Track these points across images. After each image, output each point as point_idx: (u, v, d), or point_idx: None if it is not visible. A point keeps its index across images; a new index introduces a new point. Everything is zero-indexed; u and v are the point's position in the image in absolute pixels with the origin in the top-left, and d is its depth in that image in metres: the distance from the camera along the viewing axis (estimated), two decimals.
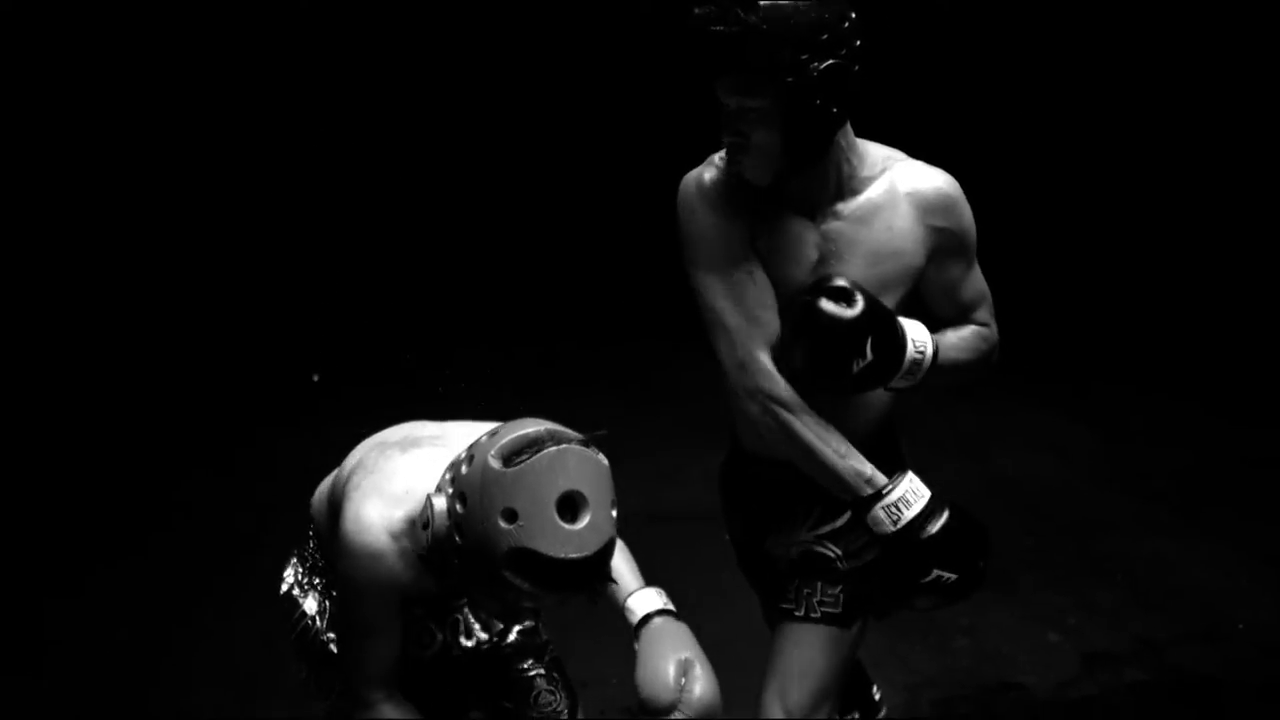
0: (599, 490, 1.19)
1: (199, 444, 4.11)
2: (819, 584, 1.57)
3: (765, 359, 1.46)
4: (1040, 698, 2.44)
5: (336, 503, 1.45)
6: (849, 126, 1.47)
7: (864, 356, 1.37)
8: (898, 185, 1.48)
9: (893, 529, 1.42)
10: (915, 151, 1.58)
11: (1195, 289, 5.57)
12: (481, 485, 1.15)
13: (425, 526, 1.23)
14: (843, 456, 1.46)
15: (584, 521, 1.16)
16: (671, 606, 1.52)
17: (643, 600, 1.50)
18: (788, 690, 1.55)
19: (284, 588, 1.68)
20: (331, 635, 1.58)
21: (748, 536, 1.72)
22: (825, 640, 1.56)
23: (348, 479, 1.43)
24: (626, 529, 3.29)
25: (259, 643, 2.71)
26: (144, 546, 3.32)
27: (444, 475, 1.26)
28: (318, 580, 1.64)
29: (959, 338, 1.54)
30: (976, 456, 3.87)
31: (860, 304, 1.36)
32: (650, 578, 1.51)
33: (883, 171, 1.49)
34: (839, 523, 1.58)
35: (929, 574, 1.42)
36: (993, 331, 1.59)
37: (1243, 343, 5.00)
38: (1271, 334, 4.97)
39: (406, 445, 1.42)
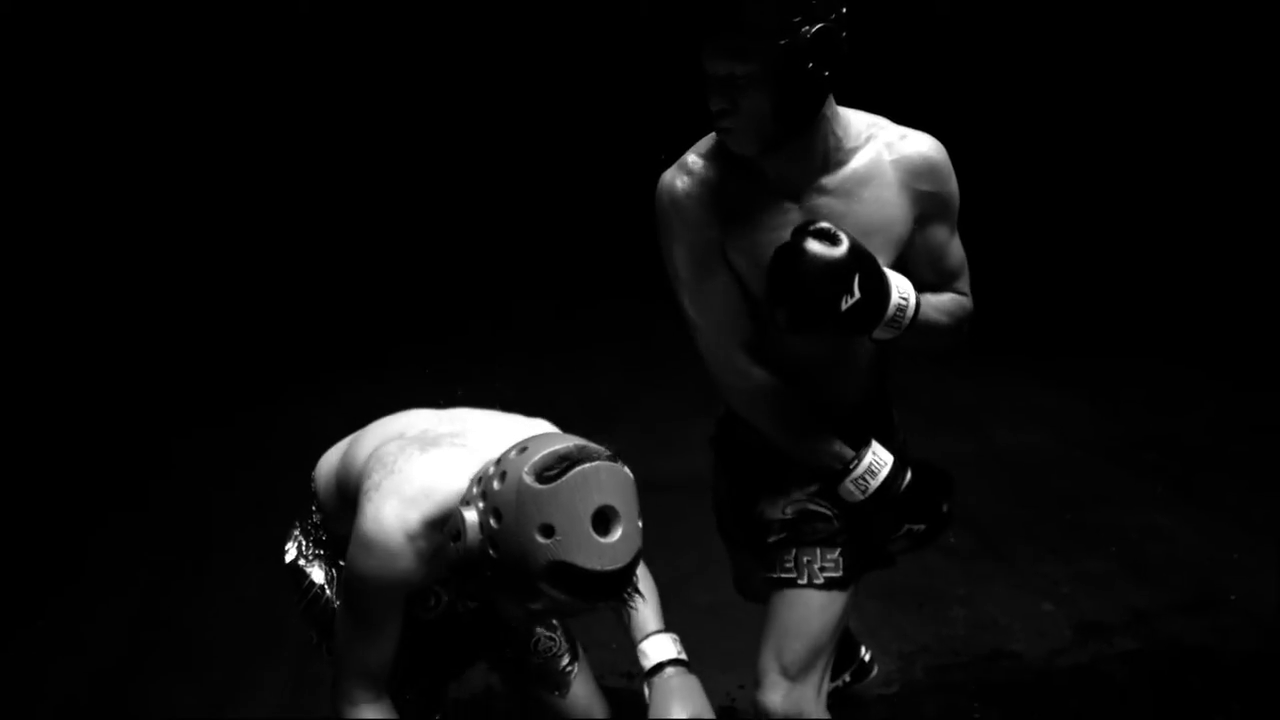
0: (628, 503, 1.24)
1: (200, 407, 4.14)
2: (819, 550, 1.59)
3: (739, 357, 1.54)
4: (1033, 665, 2.47)
5: (351, 495, 1.47)
6: (832, 97, 1.46)
7: (852, 294, 1.36)
8: (883, 153, 1.49)
9: (863, 498, 1.52)
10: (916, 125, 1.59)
11: (1190, 262, 5.58)
12: (517, 502, 1.19)
13: (456, 538, 1.25)
14: (814, 436, 1.54)
15: (616, 534, 1.21)
16: (684, 656, 1.57)
17: (658, 647, 1.55)
18: (784, 650, 1.59)
19: (289, 558, 1.71)
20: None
21: (738, 498, 1.74)
22: (822, 602, 1.59)
23: (365, 475, 1.43)
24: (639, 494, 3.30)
25: (262, 599, 2.76)
26: (145, 503, 3.36)
27: (471, 488, 1.28)
28: (322, 551, 1.67)
29: (939, 300, 1.56)
30: (973, 429, 3.90)
31: (845, 243, 1.37)
32: (646, 546, 1.53)
33: (868, 140, 1.50)
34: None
35: (900, 529, 1.55)
36: (970, 301, 1.61)
37: (1239, 313, 5.02)
38: (1268, 302, 4.99)
39: (425, 444, 1.43)
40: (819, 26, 1.34)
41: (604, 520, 1.20)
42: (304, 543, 1.69)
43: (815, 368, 1.59)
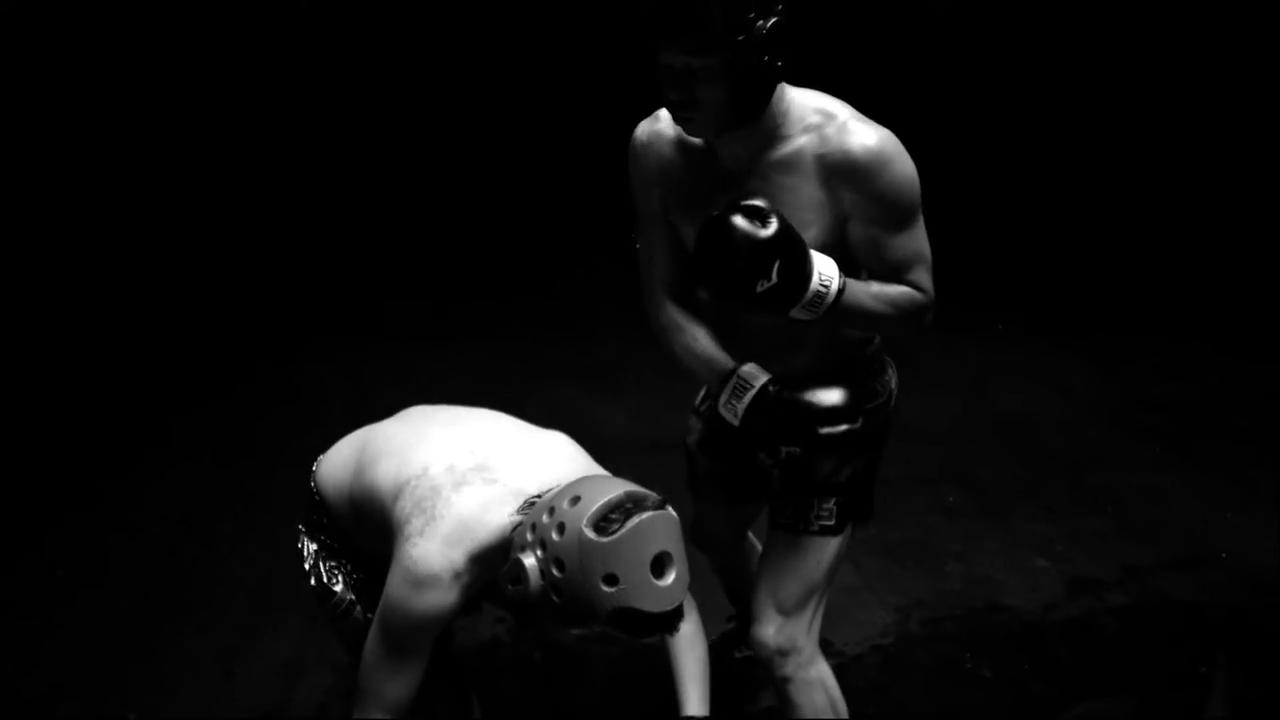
0: (679, 545, 1.34)
1: (203, 375, 4.23)
2: (815, 500, 1.68)
3: (659, 290, 1.67)
4: (1025, 619, 2.55)
5: (377, 521, 1.53)
6: (783, 83, 1.52)
7: (769, 279, 1.39)
8: (812, 146, 1.49)
9: (735, 420, 1.56)
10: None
11: (1199, 236, 5.58)
12: (580, 554, 1.27)
13: (516, 582, 1.33)
14: (710, 363, 1.61)
15: (671, 577, 1.32)
16: None
17: None
18: (779, 589, 1.68)
19: (308, 573, 1.76)
20: (370, 615, 1.64)
21: (733, 448, 1.80)
22: (816, 546, 1.69)
23: (404, 520, 1.46)
24: (628, 454, 3.39)
25: (270, 560, 2.86)
26: (147, 464, 3.45)
27: (525, 533, 1.35)
28: (335, 561, 1.73)
29: (880, 289, 1.54)
30: (980, 393, 3.94)
31: (774, 225, 1.39)
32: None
33: (804, 130, 1.50)
34: None
35: (779, 453, 1.65)
36: (924, 294, 1.56)
37: (1247, 287, 5.03)
38: (1273, 277, 5.00)
39: (457, 484, 1.48)
40: (773, 20, 1.40)
41: (660, 566, 1.30)
42: (320, 555, 1.75)
43: (754, 332, 1.63)
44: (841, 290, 1.46)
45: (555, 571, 1.29)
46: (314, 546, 1.76)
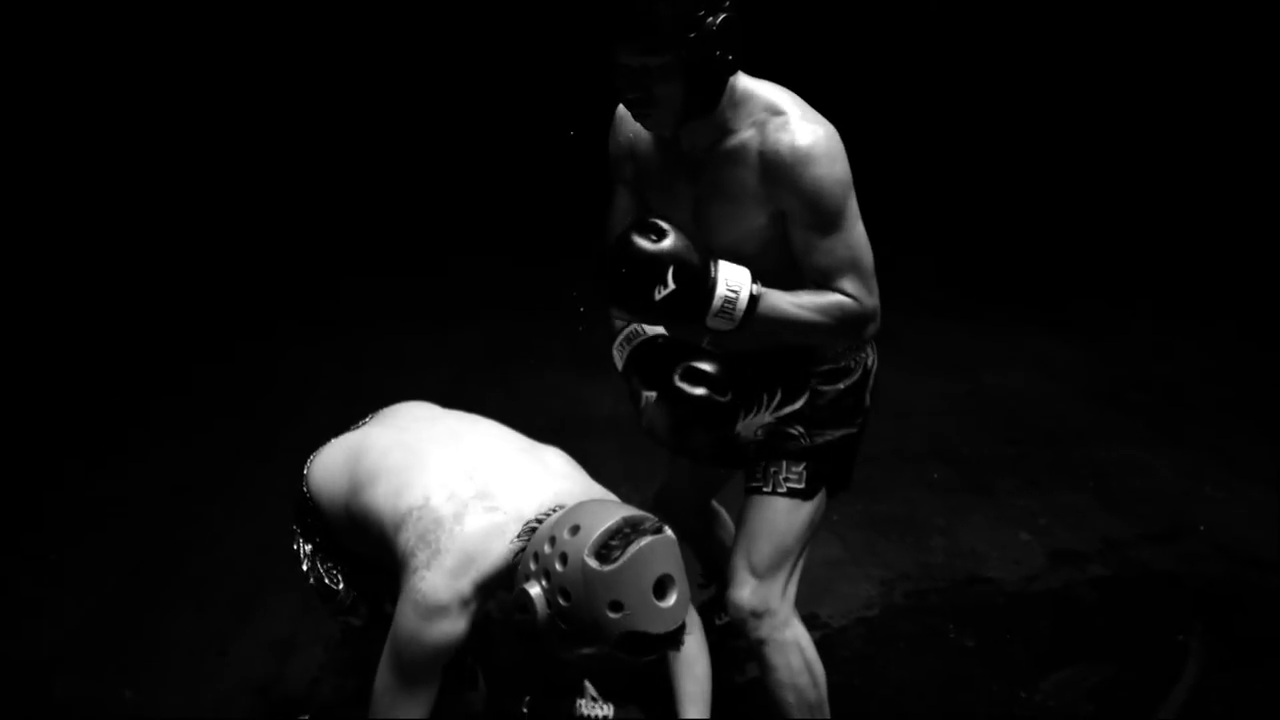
0: (679, 565, 1.37)
1: (198, 347, 4.25)
2: (784, 463, 1.72)
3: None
4: (1007, 590, 2.59)
5: (375, 536, 1.55)
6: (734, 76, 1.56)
7: (665, 284, 1.44)
8: (755, 141, 1.54)
9: (620, 365, 1.68)
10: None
11: (1186, 217, 5.63)
12: (585, 583, 1.31)
13: (524, 612, 1.37)
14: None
15: (674, 598, 1.35)
16: None
17: None
18: (752, 551, 1.72)
19: (306, 573, 1.79)
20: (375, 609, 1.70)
21: (717, 430, 1.81)
22: (786, 508, 1.72)
23: (410, 553, 1.47)
24: (616, 432, 3.42)
25: (265, 536, 2.88)
26: (137, 445, 3.47)
27: (528, 563, 1.39)
28: (332, 563, 1.76)
29: (809, 298, 1.54)
30: (966, 374, 3.99)
31: (669, 240, 1.45)
32: (636, 481, 1.60)
33: (752, 124, 1.55)
34: (798, 404, 1.72)
35: (638, 399, 1.67)
36: (857, 303, 1.56)
37: (1231, 267, 5.09)
38: (1260, 258, 5.05)
39: (459, 515, 1.49)
40: (722, 16, 1.45)
41: (662, 588, 1.34)
42: (315, 556, 1.78)
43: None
44: (756, 297, 1.48)
45: (561, 600, 1.33)
46: (309, 547, 1.78)
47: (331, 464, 1.72)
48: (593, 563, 1.31)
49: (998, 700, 2.19)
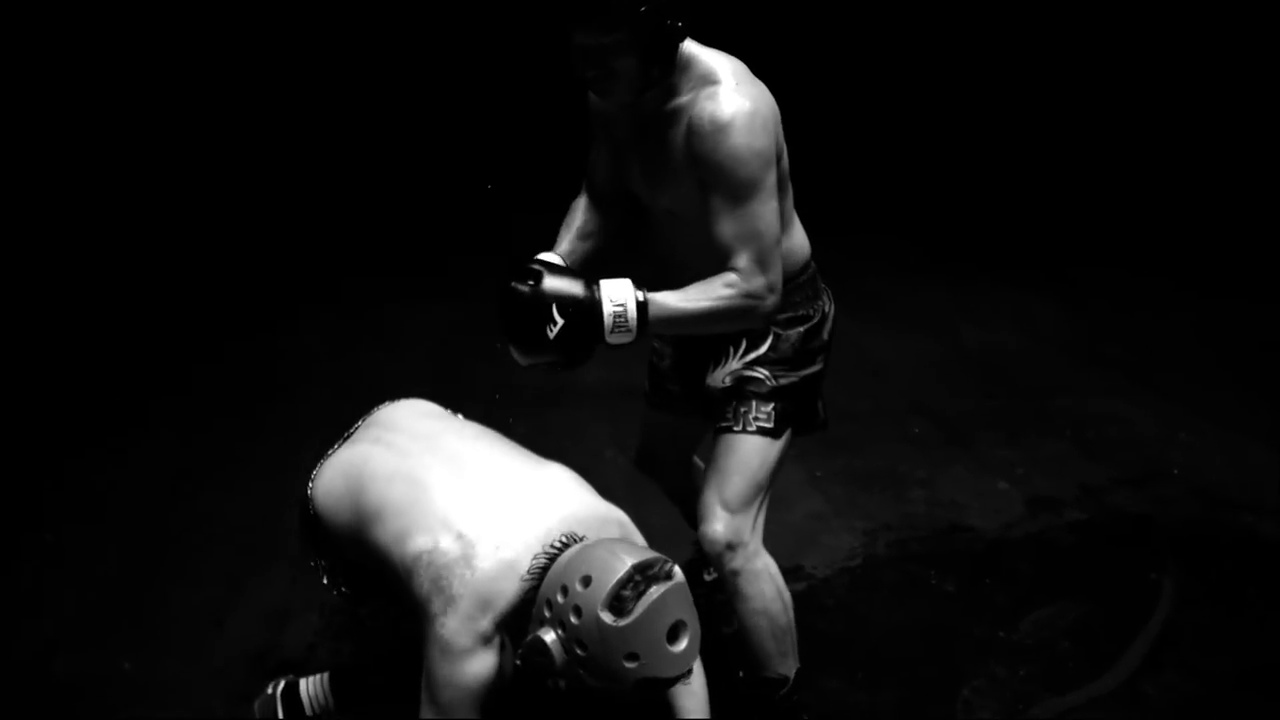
0: (690, 608, 1.41)
1: (198, 334, 4.27)
2: (754, 403, 1.80)
3: (583, 192, 1.88)
4: (986, 537, 2.65)
5: (401, 585, 1.55)
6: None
7: (554, 322, 1.53)
8: (689, 108, 1.60)
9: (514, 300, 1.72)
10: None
11: (1163, 176, 5.68)
12: (601, 637, 1.35)
13: (541, 656, 1.40)
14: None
15: (685, 640, 1.40)
16: None
17: None
18: (725, 487, 1.79)
19: (329, 586, 1.85)
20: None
21: (685, 373, 1.92)
22: (756, 446, 1.80)
23: (426, 600, 1.48)
24: (601, 401, 3.46)
25: (258, 513, 2.93)
26: (146, 419, 3.49)
27: (541, 609, 1.42)
28: (349, 574, 1.80)
29: (699, 290, 1.60)
30: (943, 330, 4.04)
31: (545, 281, 1.54)
32: (621, 445, 1.62)
33: (690, 90, 1.61)
34: (762, 349, 1.81)
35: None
36: (747, 281, 1.60)
37: (1207, 225, 5.14)
38: (1236, 215, 5.11)
39: (468, 557, 1.49)
40: None
41: (675, 634, 1.38)
42: (335, 570, 1.82)
43: (662, 257, 1.83)
44: (643, 304, 1.56)
45: (578, 650, 1.37)
46: (325, 563, 1.82)
47: (334, 489, 1.72)
48: (607, 618, 1.34)
49: (978, 641, 2.25)
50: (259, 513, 2.93)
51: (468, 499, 1.56)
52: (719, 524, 1.77)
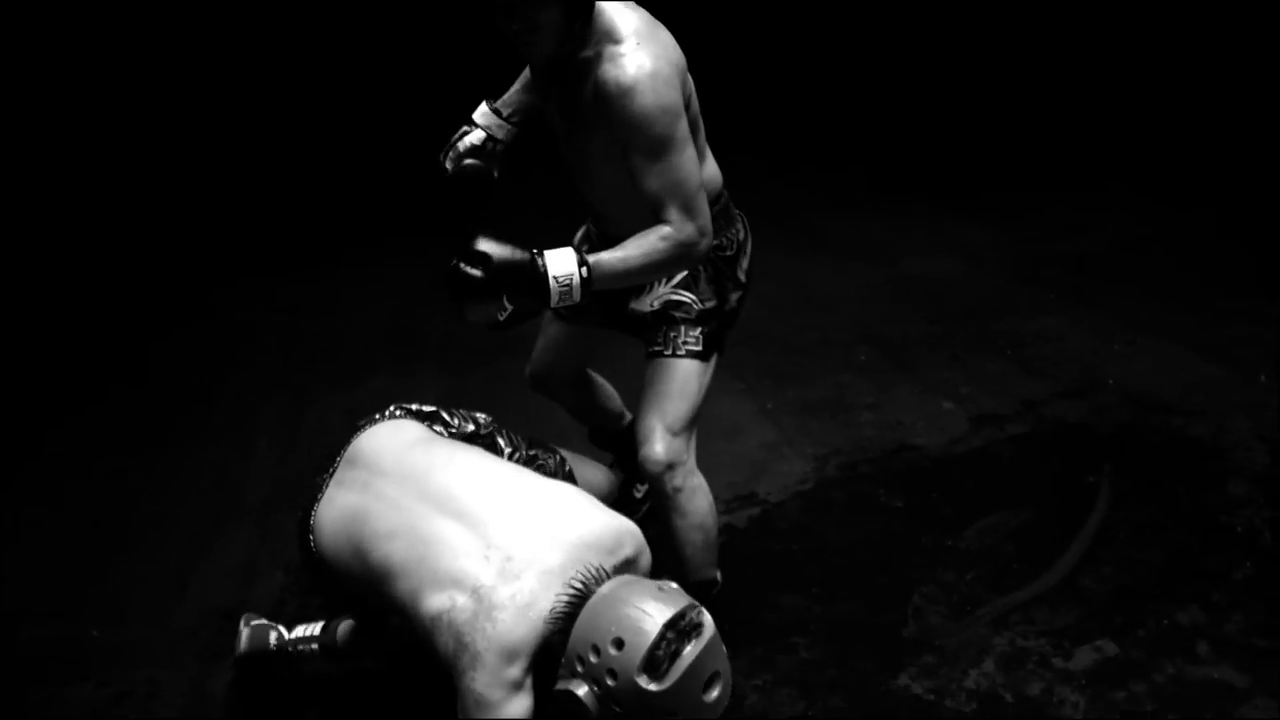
0: (722, 656, 1.42)
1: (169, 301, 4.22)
2: (682, 327, 1.90)
3: None
4: (932, 454, 2.74)
5: (439, 661, 1.52)
6: None
7: (504, 307, 1.62)
8: (596, 66, 1.65)
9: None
10: None
11: (1095, 96, 5.77)
12: (639, 699, 1.35)
13: (573, 703, 1.40)
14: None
15: (719, 687, 1.40)
16: None
17: None
18: (665, 409, 1.88)
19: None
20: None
21: (605, 295, 1.92)
22: (692, 370, 1.90)
23: (452, 656, 1.47)
24: None
25: (218, 477, 2.94)
26: (104, 395, 3.47)
27: (571, 662, 1.41)
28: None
29: (635, 248, 1.68)
30: (886, 260, 4.11)
31: (492, 263, 1.59)
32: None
33: (596, 45, 1.65)
34: (685, 275, 1.90)
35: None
36: (678, 230, 1.67)
37: (1142, 133, 5.25)
38: (1168, 122, 5.23)
39: (488, 610, 1.46)
40: None
41: (710, 684, 1.39)
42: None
43: (589, 201, 1.91)
44: (587, 275, 1.63)
45: (615, 708, 1.38)
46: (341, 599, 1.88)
47: (340, 546, 1.68)
48: (645, 683, 1.35)
49: (926, 551, 2.35)
50: (218, 475, 2.95)
51: (474, 546, 1.52)
52: (660, 445, 1.86)
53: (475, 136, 1.90)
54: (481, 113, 1.91)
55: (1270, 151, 4.71)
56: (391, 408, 1.84)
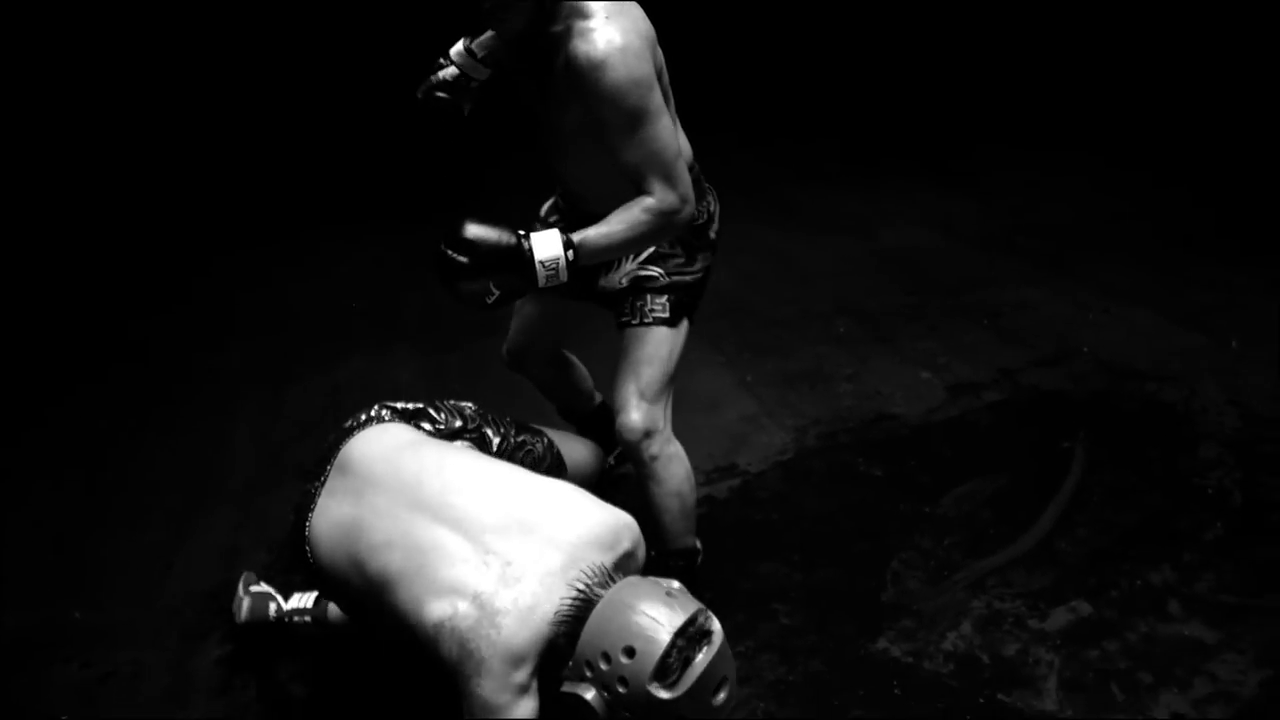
0: (730, 661, 1.42)
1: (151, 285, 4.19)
2: (649, 296, 1.93)
3: None
4: (910, 423, 2.77)
5: (444, 668, 1.51)
6: None
7: (490, 293, 1.65)
8: (565, 43, 1.67)
9: None
10: None
11: (1069, 64, 5.79)
12: (650, 707, 1.35)
13: (581, 706, 1.39)
14: None
15: (727, 690, 1.40)
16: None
17: None
18: (639, 377, 1.91)
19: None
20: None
21: (579, 277, 1.95)
22: (660, 336, 1.93)
23: (457, 665, 1.46)
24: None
25: (201, 459, 2.93)
26: (96, 373, 3.45)
27: (580, 668, 1.39)
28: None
29: (617, 222, 1.71)
30: (862, 232, 4.12)
31: (479, 249, 1.62)
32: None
33: (566, 20, 1.67)
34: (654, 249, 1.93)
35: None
36: (660, 200, 1.71)
37: (1122, 103, 5.28)
38: (1146, 92, 5.25)
39: (491, 616, 1.45)
40: None
41: (719, 688, 1.39)
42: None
43: (566, 181, 1.94)
44: (572, 257, 1.67)
45: (624, 713, 1.38)
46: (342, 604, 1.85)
47: (334, 555, 1.67)
48: (656, 691, 1.35)
49: (905, 518, 2.38)
50: (199, 455, 2.94)
51: (471, 552, 1.51)
52: (636, 413, 1.88)
53: (448, 72, 1.91)
54: (457, 51, 1.92)
55: (1244, 122, 4.76)
56: (377, 408, 1.81)
